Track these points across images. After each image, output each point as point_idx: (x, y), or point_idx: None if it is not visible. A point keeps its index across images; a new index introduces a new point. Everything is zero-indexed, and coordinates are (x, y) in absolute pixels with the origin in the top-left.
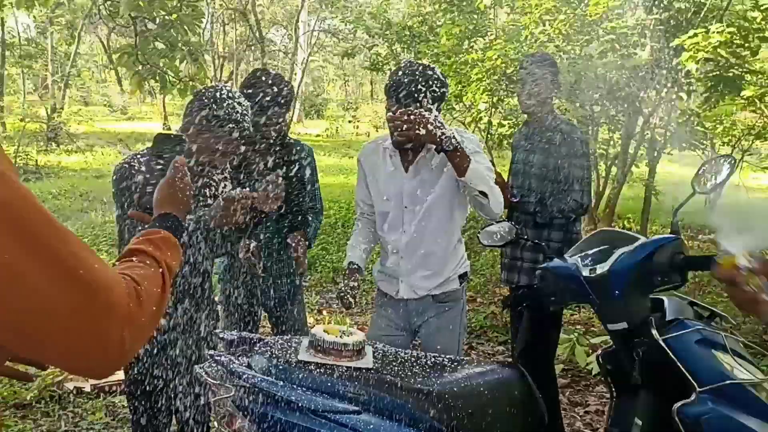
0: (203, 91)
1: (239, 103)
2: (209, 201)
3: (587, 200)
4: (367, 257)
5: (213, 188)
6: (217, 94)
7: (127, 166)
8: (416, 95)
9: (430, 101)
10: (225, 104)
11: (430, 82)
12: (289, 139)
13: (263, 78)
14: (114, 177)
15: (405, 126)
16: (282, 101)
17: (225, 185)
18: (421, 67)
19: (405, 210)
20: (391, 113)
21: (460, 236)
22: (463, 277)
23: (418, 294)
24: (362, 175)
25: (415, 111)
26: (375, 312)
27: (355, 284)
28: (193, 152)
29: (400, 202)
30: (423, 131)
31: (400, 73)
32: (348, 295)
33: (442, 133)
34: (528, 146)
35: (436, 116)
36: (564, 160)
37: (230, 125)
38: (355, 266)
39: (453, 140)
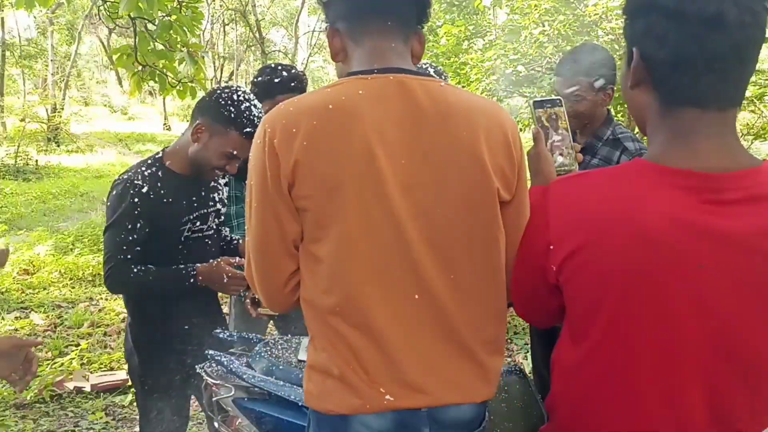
0: (217, 93)
1: (255, 105)
2: (217, 206)
3: None
4: None
5: (220, 192)
6: (234, 96)
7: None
8: None
9: None
10: (242, 108)
11: None
12: None
13: (278, 70)
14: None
15: None
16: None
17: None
18: None
19: None
20: None
21: None
22: None
23: None
24: None
25: None
26: None
27: None
28: (205, 156)
29: None
30: None
31: None
32: None
33: None
34: None
35: None
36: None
37: (247, 130)
38: None
39: None
